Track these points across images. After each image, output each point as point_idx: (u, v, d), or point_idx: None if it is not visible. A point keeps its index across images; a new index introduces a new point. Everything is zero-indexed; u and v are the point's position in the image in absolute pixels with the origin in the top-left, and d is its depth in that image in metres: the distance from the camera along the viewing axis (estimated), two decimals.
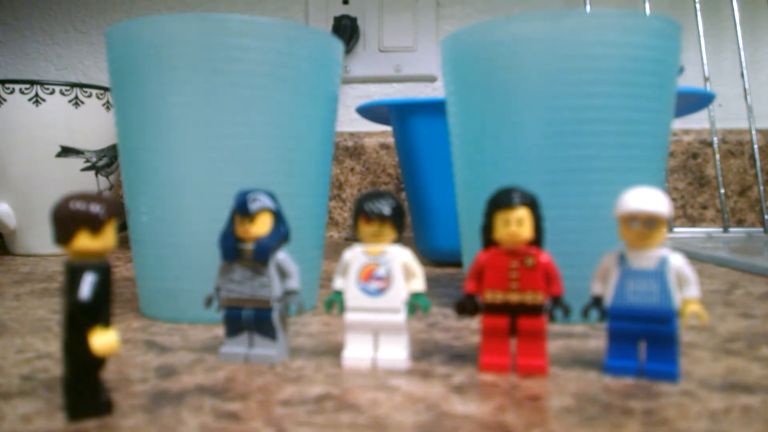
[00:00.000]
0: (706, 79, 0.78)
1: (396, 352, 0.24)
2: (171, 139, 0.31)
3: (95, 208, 0.19)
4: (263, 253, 0.25)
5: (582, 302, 0.25)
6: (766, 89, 0.84)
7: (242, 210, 0.25)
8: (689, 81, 0.82)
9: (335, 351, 0.27)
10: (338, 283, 0.25)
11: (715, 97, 0.61)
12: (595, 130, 0.31)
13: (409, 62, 0.85)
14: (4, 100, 0.60)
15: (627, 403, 0.20)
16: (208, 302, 0.26)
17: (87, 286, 0.19)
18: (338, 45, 0.36)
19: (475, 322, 0.32)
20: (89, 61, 0.91)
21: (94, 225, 0.19)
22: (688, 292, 0.23)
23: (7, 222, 0.62)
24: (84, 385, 0.19)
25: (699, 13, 0.78)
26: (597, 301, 0.24)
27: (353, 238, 0.82)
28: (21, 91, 0.60)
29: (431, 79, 0.86)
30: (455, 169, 0.36)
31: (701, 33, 0.78)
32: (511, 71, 0.31)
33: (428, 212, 0.55)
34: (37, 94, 0.60)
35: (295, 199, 0.33)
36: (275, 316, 0.25)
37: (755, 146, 0.77)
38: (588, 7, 0.81)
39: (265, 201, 0.25)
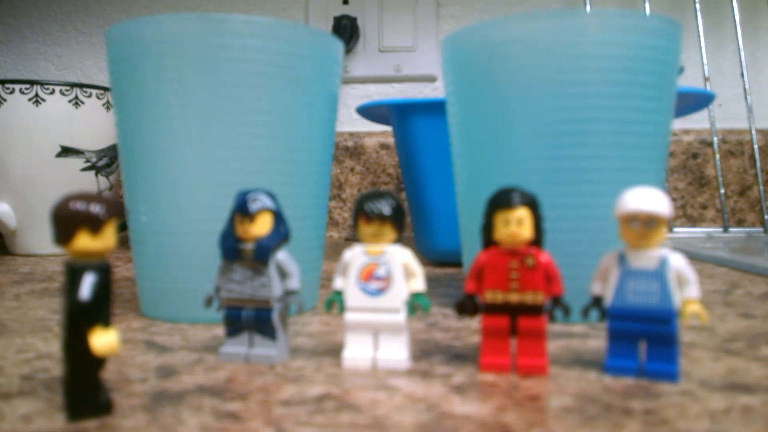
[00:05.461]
0: (706, 79, 0.78)
1: (396, 352, 0.24)
2: (171, 139, 0.31)
3: (95, 208, 0.19)
4: (263, 253, 0.25)
5: (582, 302, 0.25)
6: (766, 89, 0.84)
7: (242, 210, 0.25)
8: (689, 81, 0.82)
9: (335, 351, 0.27)
10: (338, 283, 0.25)
11: (715, 97, 0.60)
12: (595, 130, 0.31)
13: (409, 62, 0.85)
14: (4, 100, 0.60)
15: (627, 403, 0.20)
16: (208, 302, 0.26)
17: (87, 286, 0.19)
18: (338, 45, 0.36)
19: (475, 322, 0.32)
20: (89, 61, 0.91)
21: (94, 225, 0.19)
22: (688, 292, 0.23)
23: (7, 222, 0.62)
24: (84, 385, 0.19)
25: (699, 13, 0.78)
26: (597, 301, 0.24)
27: (353, 238, 0.82)
28: (21, 91, 0.60)
29: (431, 79, 0.86)
30: (455, 169, 0.36)
31: (701, 33, 0.78)
32: (511, 71, 0.31)
33: (428, 212, 0.55)
34: (37, 94, 0.60)
35: (295, 199, 0.33)
36: (275, 316, 0.25)
37: (755, 146, 0.77)
38: (588, 7, 0.81)
39: (265, 201, 0.25)
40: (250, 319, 0.25)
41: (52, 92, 0.61)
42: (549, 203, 0.27)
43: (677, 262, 0.23)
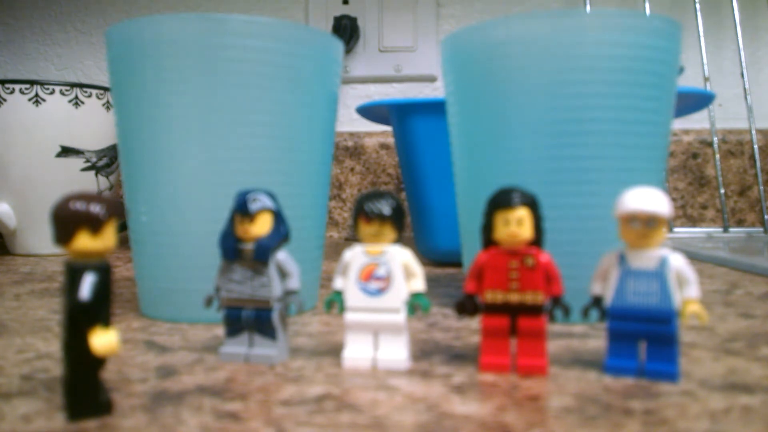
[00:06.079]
0: (706, 79, 0.78)
1: (396, 352, 0.24)
2: (171, 139, 0.31)
3: (95, 208, 0.19)
4: (263, 253, 0.25)
5: (582, 302, 0.25)
6: (766, 89, 0.84)
7: (242, 210, 0.25)
8: (689, 81, 0.82)
9: (335, 351, 0.27)
10: (338, 283, 0.25)
11: (715, 97, 0.61)
12: (595, 130, 0.31)
13: (409, 62, 0.85)
14: (4, 100, 0.60)
15: (627, 403, 0.20)
16: (208, 302, 0.26)
17: (87, 286, 0.19)
18: (338, 45, 0.36)
19: (475, 322, 0.32)
20: (89, 61, 0.91)
21: (94, 225, 0.19)
22: (688, 292, 0.23)
23: (7, 222, 0.62)
24: (84, 385, 0.19)
25: (699, 13, 0.78)
26: (597, 301, 0.24)
27: (353, 238, 0.82)
28: (21, 91, 0.60)
29: (431, 79, 0.86)
30: (455, 169, 0.36)
31: (701, 33, 0.78)
32: (511, 71, 0.31)
33: (428, 212, 0.55)
34: (37, 94, 0.60)
35: (295, 199, 0.33)
36: (275, 316, 0.25)
37: (755, 146, 0.77)
38: (588, 7, 0.81)
39: (265, 201, 0.25)
40: (250, 319, 0.25)
41: (52, 92, 0.61)
42: (549, 203, 0.27)
43: (677, 262, 0.23)
